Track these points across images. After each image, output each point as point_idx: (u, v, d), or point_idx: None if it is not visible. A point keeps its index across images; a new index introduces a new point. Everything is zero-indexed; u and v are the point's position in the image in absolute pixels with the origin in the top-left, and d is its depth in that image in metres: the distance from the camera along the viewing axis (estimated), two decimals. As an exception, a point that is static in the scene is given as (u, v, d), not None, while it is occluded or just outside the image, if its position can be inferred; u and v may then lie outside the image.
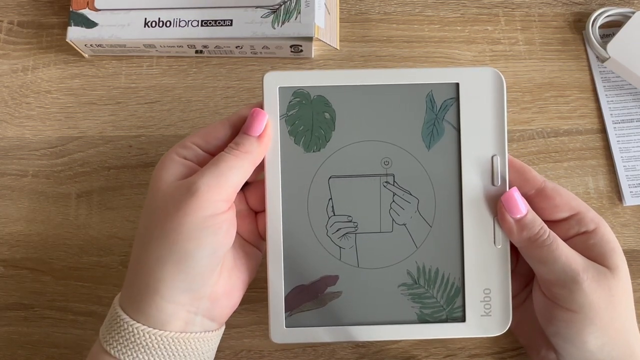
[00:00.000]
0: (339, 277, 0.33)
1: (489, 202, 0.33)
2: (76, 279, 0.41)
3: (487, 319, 0.33)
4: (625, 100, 0.45)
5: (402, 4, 0.47)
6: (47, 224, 0.42)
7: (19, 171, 0.43)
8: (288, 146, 0.33)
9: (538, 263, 0.32)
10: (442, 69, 0.34)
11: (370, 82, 0.33)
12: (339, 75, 0.33)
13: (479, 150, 0.33)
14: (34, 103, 0.44)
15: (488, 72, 0.33)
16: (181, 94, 0.45)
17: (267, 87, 0.33)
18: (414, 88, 0.33)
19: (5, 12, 0.47)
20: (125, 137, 0.44)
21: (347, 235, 0.34)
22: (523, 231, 0.32)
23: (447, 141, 0.33)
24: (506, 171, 0.33)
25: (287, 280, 0.33)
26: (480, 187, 0.33)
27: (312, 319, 0.33)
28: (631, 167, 0.43)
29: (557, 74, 0.45)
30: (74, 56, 0.45)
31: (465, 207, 0.33)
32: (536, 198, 0.33)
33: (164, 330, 0.30)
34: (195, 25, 0.43)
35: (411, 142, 0.33)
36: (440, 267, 0.33)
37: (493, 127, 0.33)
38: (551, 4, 0.47)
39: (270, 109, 0.33)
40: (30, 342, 0.40)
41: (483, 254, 0.33)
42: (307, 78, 0.33)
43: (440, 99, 0.33)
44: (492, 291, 0.33)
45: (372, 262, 0.34)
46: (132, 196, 0.43)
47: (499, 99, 0.33)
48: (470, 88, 0.33)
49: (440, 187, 0.33)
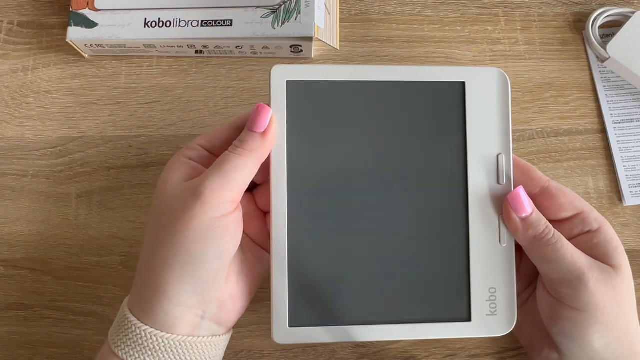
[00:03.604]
0: (342, 277, 0.33)
1: (494, 201, 0.33)
2: (76, 279, 0.41)
3: (492, 318, 0.33)
4: (625, 100, 0.45)
5: (402, 4, 0.47)
6: (47, 224, 0.42)
7: (19, 171, 0.43)
8: (295, 142, 0.33)
9: (543, 262, 0.32)
10: (449, 68, 0.34)
11: (378, 79, 0.33)
12: (346, 70, 0.33)
13: (484, 149, 0.33)
14: (34, 103, 0.44)
15: (494, 72, 0.34)
16: (181, 94, 0.45)
17: (275, 80, 0.33)
18: (421, 86, 0.33)
19: (5, 12, 0.47)
20: (125, 137, 0.44)
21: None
22: (528, 230, 0.32)
23: (452, 140, 0.33)
24: (511, 170, 0.33)
25: (291, 279, 0.32)
26: (486, 186, 0.33)
27: (315, 319, 0.33)
28: (631, 167, 0.43)
29: (557, 74, 0.45)
30: (74, 56, 0.45)
31: (471, 206, 0.33)
32: (540, 197, 0.33)
33: (171, 333, 0.30)
34: (195, 25, 0.43)
35: (417, 140, 0.33)
36: (445, 266, 0.33)
37: (498, 127, 0.33)
38: (551, 4, 0.47)
39: (277, 104, 0.32)
40: (30, 342, 0.40)
41: (488, 253, 0.33)
42: (315, 72, 0.33)
43: (446, 98, 0.33)
44: (498, 290, 0.33)
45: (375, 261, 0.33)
46: (132, 196, 0.43)
47: (504, 98, 0.34)
48: (476, 87, 0.33)
49: (446, 185, 0.33)
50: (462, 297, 0.33)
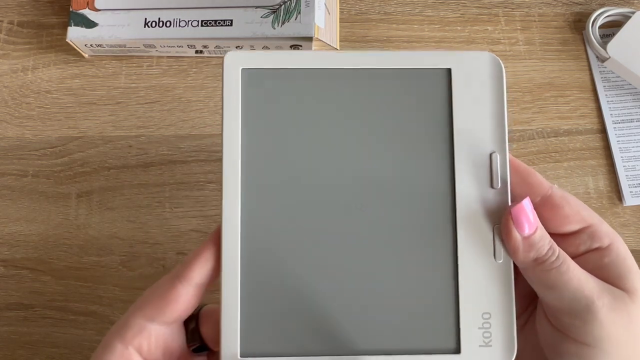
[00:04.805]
0: (307, 299, 0.27)
1: (487, 209, 0.27)
2: (76, 279, 0.41)
3: (486, 350, 0.27)
4: (625, 100, 0.45)
5: (402, 4, 0.47)
6: (47, 223, 0.42)
7: (19, 171, 0.43)
8: (252, 144, 0.27)
9: (544, 288, 0.27)
10: (431, 52, 0.29)
11: (349, 66, 0.28)
12: (312, 56, 0.28)
13: (474, 147, 0.28)
14: (34, 103, 0.44)
15: (485, 56, 0.28)
16: (181, 94, 0.45)
17: (228, 69, 0.27)
18: (399, 74, 0.28)
19: (5, 12, 0.47)
20: (125, 137, 0.44)
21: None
22: (530, 251, 0.26)
23: (436, 136, 0.28)
24: (507, 171, 0.28)
25: (245, 298, 0.27)
26: (477, 191, 0.28)
27: (273, 348, 0.27)
28: (631, 167, 0.43)
29: (557, 74, 0.45)
30: (74, 56, 0.45)
31: (459, 215, 0.27)
32: (541, 207, 0.28)
33: None
34: (195, 25, 0.43)
35: (396, 138, 0.28)
36: (429, 286, 0.27)
37: (491, 121, 0.28)
38: (551, 4, 0.47)
39: (230, 97, 0.27)
40: (30, 342, 0.40)
41: (481, 271, 0.27)
42: (276, 59, 0.28)
43: (429, 87, 0.28)
44: (493, 316, 0.27)
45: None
46: (132, 196, 0.43)
47: (497, 87, 0.28)
48: (464, 75, 0.28)
49: (429, 190, 0.28)
50: (449, 324, 0.27)
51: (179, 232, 0.42)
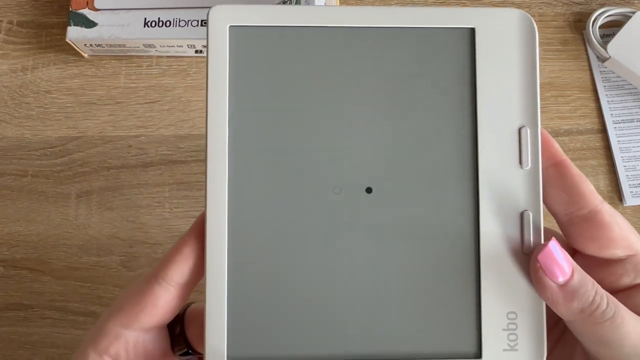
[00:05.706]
0: (305, 294, 0.24)
1: (515, 191, 0.24)
2: (76, 279, 0.41)
3: (512, 354, 0.23)
4: (625, 100, 0.45)
5: (402, 4, 0.47)
6: (46, 224, 0.42)
7: (19, 171, 0.43)
8: (240, 113, 0.24)
9: (598, 344, 0.22)
10: (453, 10, 0.25)
11: (354, 24, 0.24)
12: (314, 13, 0.24)
13: (501, 121, 0.24)
14: (33, 103, 0.44)
15: (514, 14, 0.24)
16: (181, 94, 0.45)
17: (214, 25, 0.23)
18: (415, 34, 0.24)
19: (5, 12, 0.46)
20: (125, 137, 0.44)
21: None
22: (572, 301, 0.22)
23: (457, 107, 0.24)
24: (539, 149, 0.24)
25: (233, 291, 0.23)
26: (503, 171, 0.24)
27: (266, 349, 0.23)
28: (631, 167, 0.43)
29: (557, 74, 0.45)
30: (74, 56, 0.45)
31: (482, 196, 0.24)
32: (587, 222, 0.23)
33: None
34: (195, 25, 0.43)
35: (408, 108, 0.24)
36: (448, 282, 0.24)
37: (520, 90, 0.24)
38: (551, 4, 0.47)
39: (216, 59, 0.23)
40: (30, 342, 0.40)
41: (506, 265, 0.24)
42: (270, 14, 0.24)
43: (448, 50, 0.24)
44: (519, 316, 0.23)
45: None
46: (132, 196, 0.43)
47: (529, 51, 0.24)
48: (490, 35, 0.24)
49: (449, 170, 0.24)
50: (469, 324, 0.24)
51: (179, 232, 0.42)
